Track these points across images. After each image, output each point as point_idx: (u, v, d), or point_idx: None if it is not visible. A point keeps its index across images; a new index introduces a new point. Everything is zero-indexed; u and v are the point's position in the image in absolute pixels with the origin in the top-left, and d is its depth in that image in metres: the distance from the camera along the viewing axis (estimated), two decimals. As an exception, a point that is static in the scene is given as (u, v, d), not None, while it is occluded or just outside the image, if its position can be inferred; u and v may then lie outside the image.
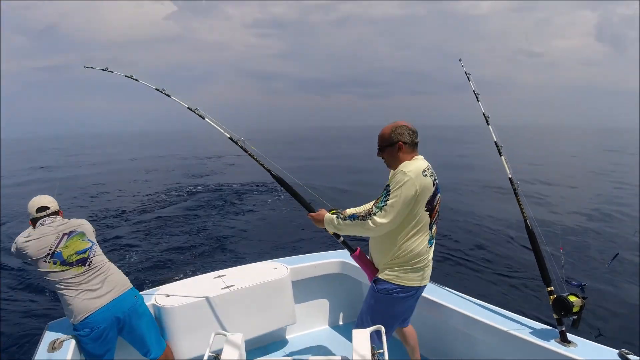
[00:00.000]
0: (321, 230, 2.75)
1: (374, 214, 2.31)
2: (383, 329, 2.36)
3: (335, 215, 2.55)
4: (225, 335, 2.62)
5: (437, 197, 2.47)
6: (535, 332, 2.62)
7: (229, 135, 3.02)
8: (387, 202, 2.30)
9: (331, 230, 2.62)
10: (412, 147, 2.49)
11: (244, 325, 3.35)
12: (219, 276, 3.58)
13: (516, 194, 2.84)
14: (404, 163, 2.41)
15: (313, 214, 2.69)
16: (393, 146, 2.46)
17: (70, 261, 2.81)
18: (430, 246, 2.57)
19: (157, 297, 3.24)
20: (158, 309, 3.15)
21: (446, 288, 3.32)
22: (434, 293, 3.22)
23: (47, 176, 24.26)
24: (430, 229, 2.51)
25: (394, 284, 2.53)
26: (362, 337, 2.44)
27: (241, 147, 2.96)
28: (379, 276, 2.58)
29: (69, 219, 3.00)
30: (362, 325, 2.65)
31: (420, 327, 3.16)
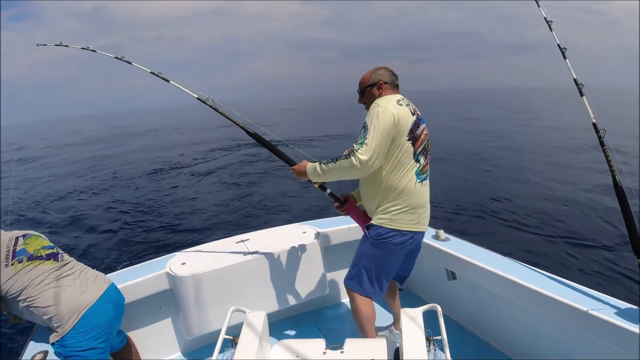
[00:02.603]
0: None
1: (356, 151, 2.20)
2: (439, 308, 2.06)
3: (317, 163, 2.42)
4: (245, 313, 2.28)
5: (421, 127, 2.38)
6: (619, 313, 2.11)
7: (196, 96, 2.85)
8: (367, 136, 2.20)
9: (315, 180, 2.50)
10: (393, 88, 2.46)
11: (269, 296, 3.03)
12: (242, 241, 3.24)
13: (602, 143, 2.32)
14: (377, 99, 2.35)
15: (295, 166, 2.57)
16: (373, 86, 2.44)
17: (39, 255, 2.32)
18: (421, 183, 2.40)
19: (172, 264, 2.93)
20: (172, 277, 2.84)
21: (496, 252, 2.90)
22: (478, 255, 2.83)
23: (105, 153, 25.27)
24: (417, 161, 2.35)
25: (388, 228, 2.39)
26: (413, 318, 2.07)
27: (210, 106, 2.81)
28: (372, 222, 2.44)
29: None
30: (353, 279, 2.56)
31: (459, 295, 2.93)
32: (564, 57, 2.56)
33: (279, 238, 3.25)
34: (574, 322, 2.22)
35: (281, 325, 3.28)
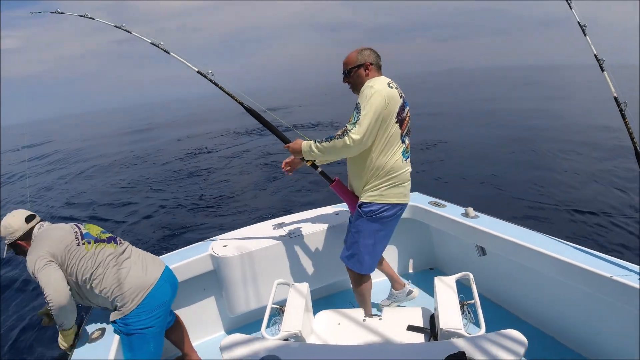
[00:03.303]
0: None
1: (350, 131, 2.32)
2: (471, 275, 2.21)
3: (312, 141, 2.52)
4: (288, 285, 2.47)
5: (406, 110, 2.52)
6: None
7: (197, 70, 2.87)
8: (360, 116, 2.31)
9: (309, 158, 2.62)
10: (378, 69, 2.56)
11: (306, 275, 3.19)
12: (278, 224, 3.40)
13: (623, 116, 2.38)
14: (369, 80, 2.46)
15: (290, 144, 2.66)
16: (360, 67, 2.52)
17: (102, 238, 2.49)
18: (406, 160, 2.58)
19: (215, 246, 3.12)
20: (215, 258, 3.03)
21: (537, 231, 2.92)
22: (507, 230, 2.90)
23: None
24: (403, 142, 2.53)
25: (380, 203, 2.55)
26: (447, 285, 2.22)
27: (210, 80, 2.84)
28: (363, 200, 2.59)
29: None
30: (352, 258, 2.70)
31: (489, 270, 2.99)
32: (584, 34, 2.61)
33: (313, 220, 3.40)
34: (599, 289, 2.30)
35: (317, 303, 3.45)
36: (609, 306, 2.37)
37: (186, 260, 3.02)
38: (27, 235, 2.42)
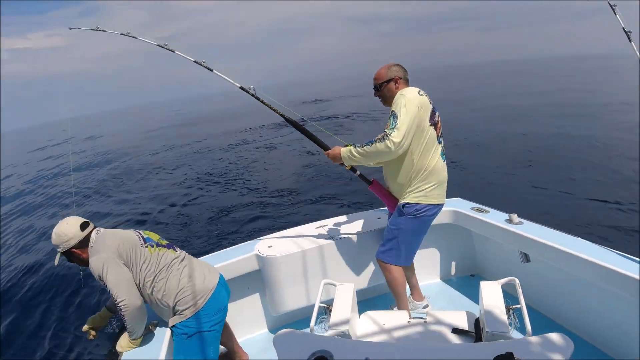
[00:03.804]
0: None
1: (389, 135, 2.46)
2: (517, 281, 2.22)
3: (352, 146, 2.68)
4: (335, 285, 2.53)
5: (437, 114, 2.69)
6: None
7: (239, 85, 3.01)
8: (397, 122, 2.47)
9: (348, 163, 2.77)
10: (406, 82, 2.75)
11: (349, 277, 3.25)
12: (321, 226, 3.47)
13: None
14: (400, 90, 2.65)
15: (329, 151, 2.84)
16: (390, 82, 2.71)
17: (163, 244, 2.55)
18: (444, 161, 2.77)
19: (260, 246, 3.21)
20: (261, 259, 3.13)
21: (569, 233, 2.91)
22: (552, 237, 2.86)
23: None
24: (440, 142, 2.72)
25: (424, 204, 2.72)
26: (492, 289, 2.24)
27: (252, 95, 2.97)
28: (407, 201, 2.73)
29: None
30: (389, 252, 2.85)
31: (531, 277, 2.95)
32: (629, 40, 2.54)
33: (355, 223, 3.45)
34: None
35: (360, 307, 3.51)
36: None
37: (232, 260, 3.12)
38: (83, 243, 2.37)
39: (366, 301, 3.48)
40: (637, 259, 2.45)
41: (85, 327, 2.55)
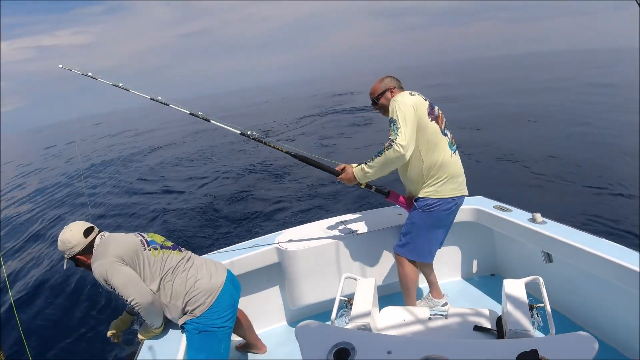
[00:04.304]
0: None
1: (395, 141, 2.51)
2: (541, 279, 2.20)
3: (363, 164, 2.73)
4: (356, 280, 2.55)
5: (436, 108, 2.73)
6: None
7: (239, 132, 3.03)
8: (398, 127, 2.52)
9: (364, 181, 2.81)
10: (400, 89, 2.84)
11: (369, 272, 3.25)
12: (341, 221, 3.48)
13: None
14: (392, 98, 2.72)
15: (342, 175, 2.87)
16: (385, 92, 2.82)
17: (167, 245, 2.53)
18: (454, 152, 2.78)
19: (281, 239, 3.25)
20: (281, 252, 3.16)
21: (603, 238, 2.81)
22: (576, 237, 2.80)
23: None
24: (445, 135, 2.73)
25: (435, 198, 2.74)
26: (516, 287, 2.22)
27: (254, 139, 3.02)
28: (419, 196, 2.78)
29: None
30: (405, 246, 2.88)
31: (554, 277, 2.87)
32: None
33: (376, 219, 3.45)
34: None
35: (380, 303, 3.51)
36: None
37: (253, 252, 3.16)
38: (88, 249, 2.39)
39: (386, 297, 3.48)
40: None
41: (109, 333, 2.60)
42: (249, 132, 3.01)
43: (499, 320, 2.23)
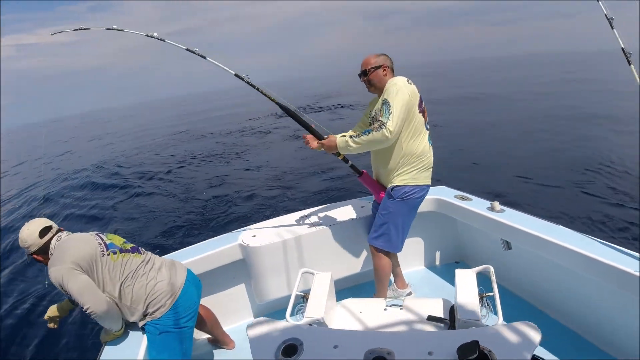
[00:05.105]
0: None
1: (385, 124, 2.54)
2: (492, 268, 2.26)
3: (348, 137, 2.72)
4: (313, 274, 2.58)
5: (423, 102, 2.79)
6: None
7: (234, 73, 3.02)
8: (391, 111, 2.56)
9: (344, 153, 2.83)
10: (392, 71, 2.87)
11: (332, 265, 3.28)
12: (305, 215, 3.51)
13: None
14: (390, 79, 2.74)
15: (324, 141, 2.87)
16: (378, 68, 2.81)
17: (126, 248, 2.46)
18: (431, 146, 2.86)
19: (244, 236, 3.25)
20: (245, 248, 3.16)
21: (550, 220, 2.94)
22: (533, 225, 2.89)
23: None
24: (427, 128, 2.83)
25: (411, 186, 2.80)
26: (467, 277, 2.29)
27: (247, 82, 3.01)
28: (395, 184, 2.82)
29: None
30: (381, 237, 2.90)
31: (514, 264, 3.03)
32: (612, 27, 2.53)
33: (339, 212, 3.48)
34: (624, 286, 2.27)
35: (343, 293, 3.51)
36: (633, 303, 2.34)
37: (217, 249, 3.16)
38: (43, 250, 2.36)
39: (350, 289, 3.54)
40: (618, 247, 2.48)
41: (46, 316, 2.55)
42: (243, 75, 3.00)
43: (452, 310, 2.29)
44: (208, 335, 3.13)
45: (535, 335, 1.45)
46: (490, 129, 14.36)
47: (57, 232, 2.43)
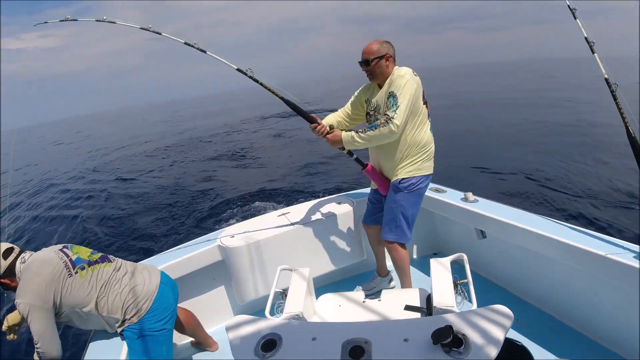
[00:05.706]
0: None
1: (393, 118, 2.53)
2: (465, 256, 2.29)
3: (354, 132, 2.72)
4: (291, 271, 2.58)
5: (424, 94, 2.77)
6: (637, 256, 2.23)
7: (236, 67, 2.94)
8: (399, 104, 2.54)
9: (349, 147, 2.79)
10: (394, 61, 2.77)
11: (312, 263, 3.29)
12: (283, 214, 3.51)
13: (614, 97, 2.38)
14: (395, 69, 2.71)
15: (329, 135, 2.82)
16: (382, 58, 2.70)
17: (95, 259, 2.42)
18: (432, 135, 2.84)
19: (222, 237, 3.24)
20: (224, 249, 3.15)
21: (521, 209, 3.03)
22: (506, 213, 2.97)
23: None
24: (429, 120, 2.81)
25: (418, 176, 2.80)
26: (442, 266, 2.32)
27: (250, 77, 2.90)
28: (402, 176, 2.80)
29: None
30: (395, 231, 2.88)
31: (489, 252, 3.10)
32: (574, 17, 2.60)
33: (317, 210, 3.49)
34: (596, 269, 2.35)
35: (324, 289, 3.56)
36: (606, 285, 2.43)
37: (196, 252, 3.14)
38: (8, 272, 2.29)
39: (330, 285, 3.55)
40: (587, 231, 2.56)
41: (4, 327, 2.47)
42: (245, 69, 2.92)
43: (428, 299, 2.32)
44: (191, 339, 3.11)
45: (508, 318, 1.48)
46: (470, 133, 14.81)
47: (19, 253, 2.35)
